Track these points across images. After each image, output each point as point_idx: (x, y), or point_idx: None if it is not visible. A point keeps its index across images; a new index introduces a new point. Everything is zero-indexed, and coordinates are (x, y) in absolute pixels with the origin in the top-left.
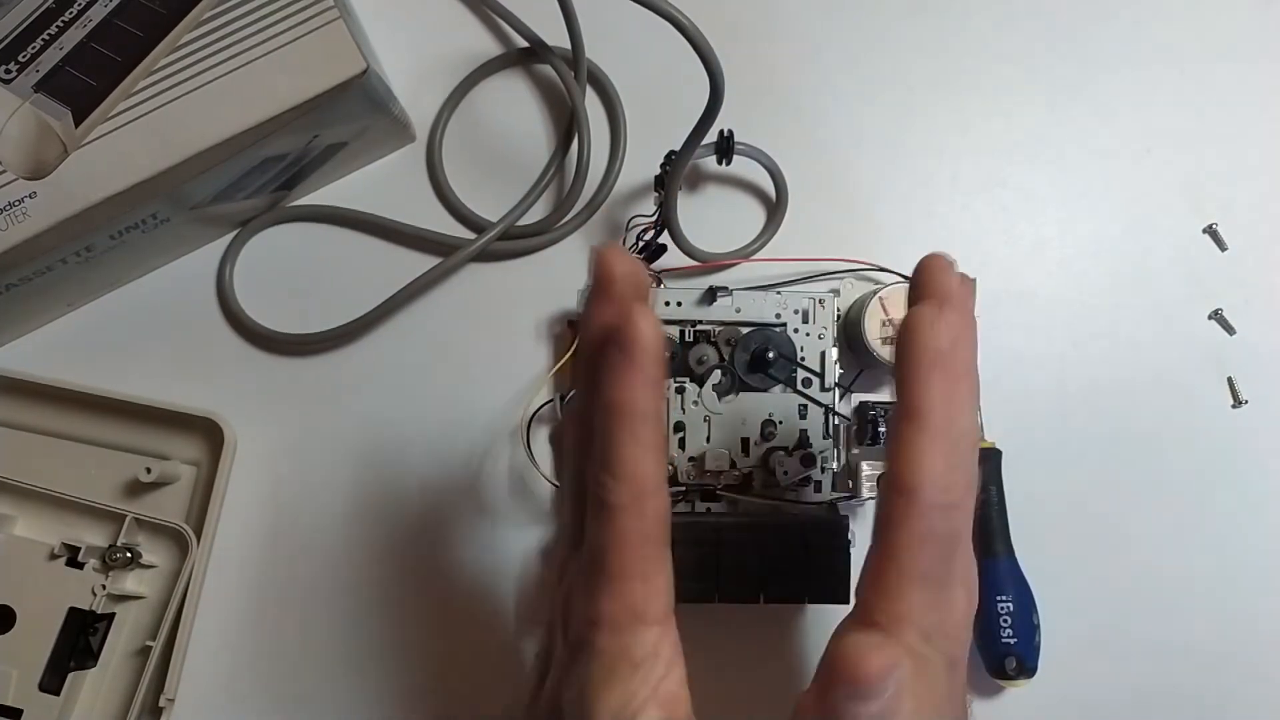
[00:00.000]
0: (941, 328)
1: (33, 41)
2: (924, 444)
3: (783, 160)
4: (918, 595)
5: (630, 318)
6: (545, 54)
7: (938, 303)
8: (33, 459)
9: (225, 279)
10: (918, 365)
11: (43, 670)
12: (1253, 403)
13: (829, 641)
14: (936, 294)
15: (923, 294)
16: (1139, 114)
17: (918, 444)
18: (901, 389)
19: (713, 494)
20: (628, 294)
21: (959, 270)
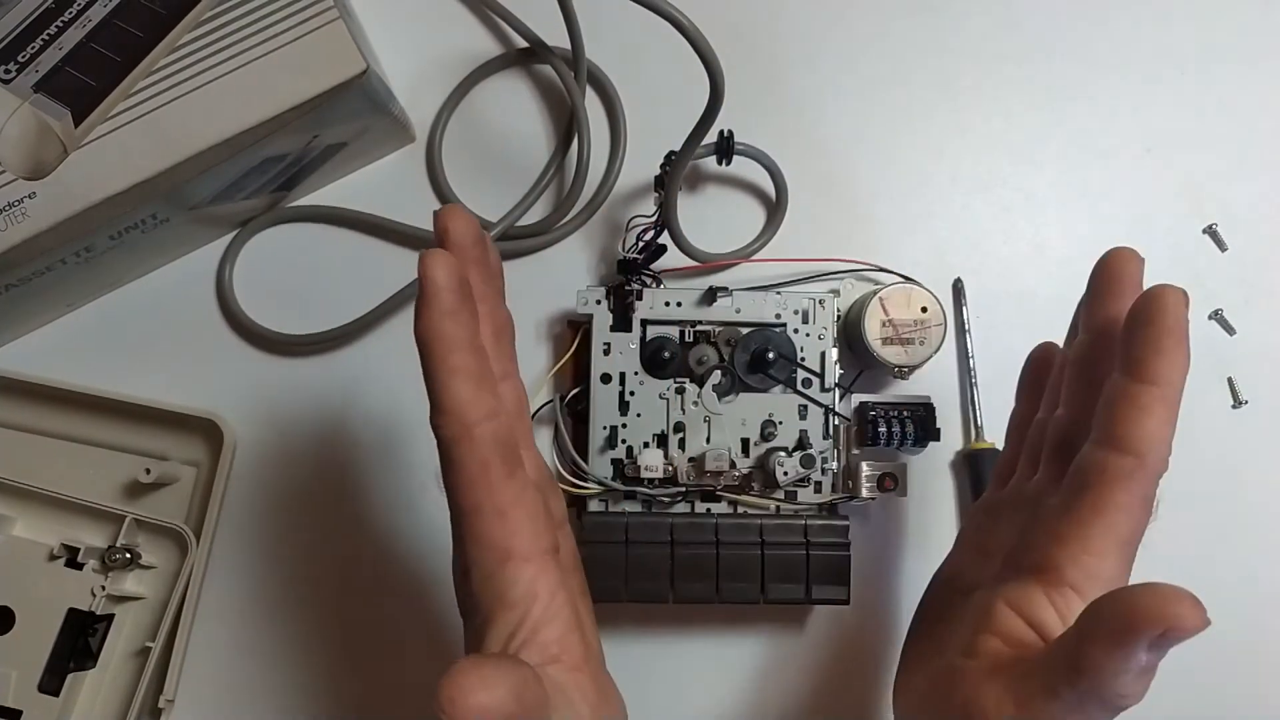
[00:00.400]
0: (1185, 309)
1: (32, 41)
2: (1161, 412)
3: (783, 160)
4: (1114, 559)
5: (422, 259)
6: (545, 54)
7: (1176, 288)
8: (33, 459)
9: (225, 279)
10: (1165, 335)
11: (42, 671)
12: (1253, 403)
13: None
14: (1132, 287)
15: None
16: (1139, 114)
17: (1157, 411)
18: (1141, 355)
19: (713, 494)
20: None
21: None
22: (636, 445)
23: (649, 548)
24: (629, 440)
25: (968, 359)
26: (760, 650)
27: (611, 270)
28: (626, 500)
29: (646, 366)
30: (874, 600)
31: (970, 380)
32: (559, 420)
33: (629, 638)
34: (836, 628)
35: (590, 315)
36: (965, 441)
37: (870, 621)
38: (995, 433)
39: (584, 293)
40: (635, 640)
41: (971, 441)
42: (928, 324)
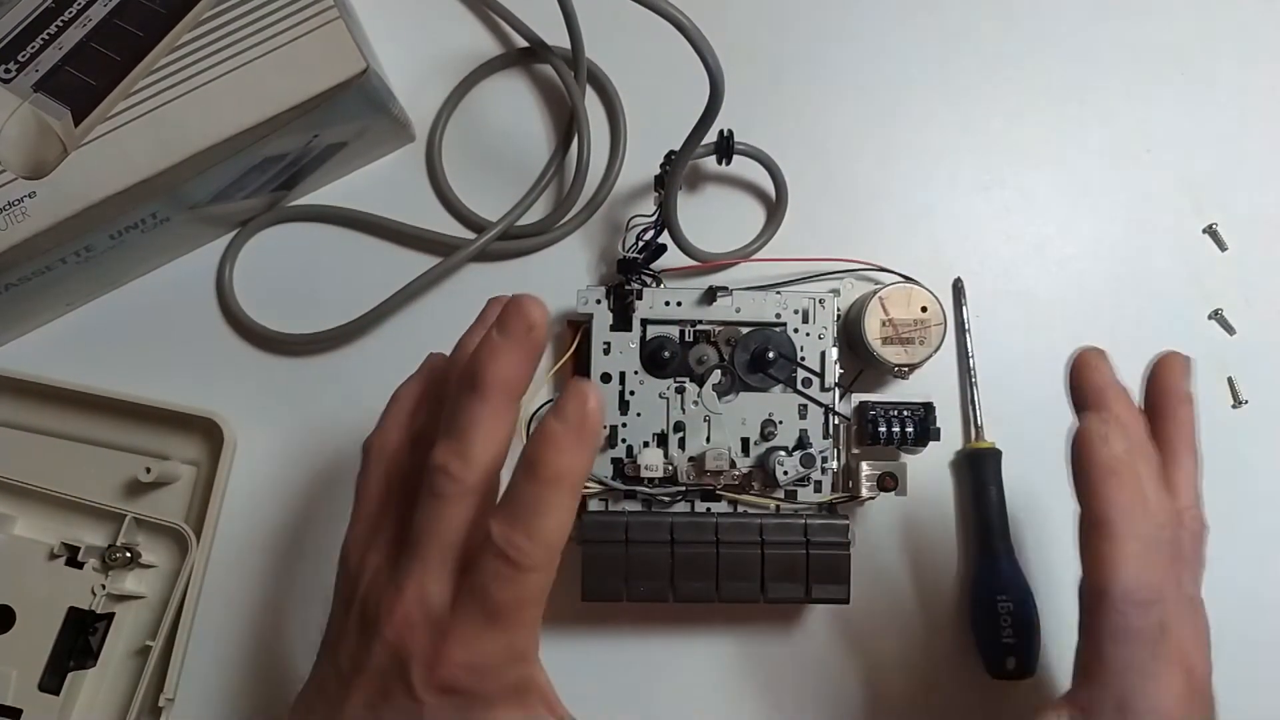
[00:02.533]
0: (1112, 438)
1: (32, 41)
2: (1109, 551)
3: (783, 160)
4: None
5: (580, 386)
6: (545, 54)
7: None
8: (33, 459)
9: (225, 279)
10: (1091, 478)
11: (42, 670)
12: (1253, 403)
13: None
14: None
15: (1082, 400)
16: (1139, 114)
17: (1104, 551)
18: (1081, 499)
19: (713, 494)
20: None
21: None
22: (636, 444)
23: (649, 547)
24: (629, 439)
25: (968, 359)
26: (760, 650)
27: (611, 270)
28: (626, 499)
29: (646, 366)
30: (874, 600)
31: (970, 380)
32: None
33: (629, 637)
34: (836, 628)
35: (590, 315)
36: (965, 441)
37: (870, 621)
38: (995, 432)
39: (584, 292)
40: (635, 640)
41: (971, 441)
42: (928, 324)
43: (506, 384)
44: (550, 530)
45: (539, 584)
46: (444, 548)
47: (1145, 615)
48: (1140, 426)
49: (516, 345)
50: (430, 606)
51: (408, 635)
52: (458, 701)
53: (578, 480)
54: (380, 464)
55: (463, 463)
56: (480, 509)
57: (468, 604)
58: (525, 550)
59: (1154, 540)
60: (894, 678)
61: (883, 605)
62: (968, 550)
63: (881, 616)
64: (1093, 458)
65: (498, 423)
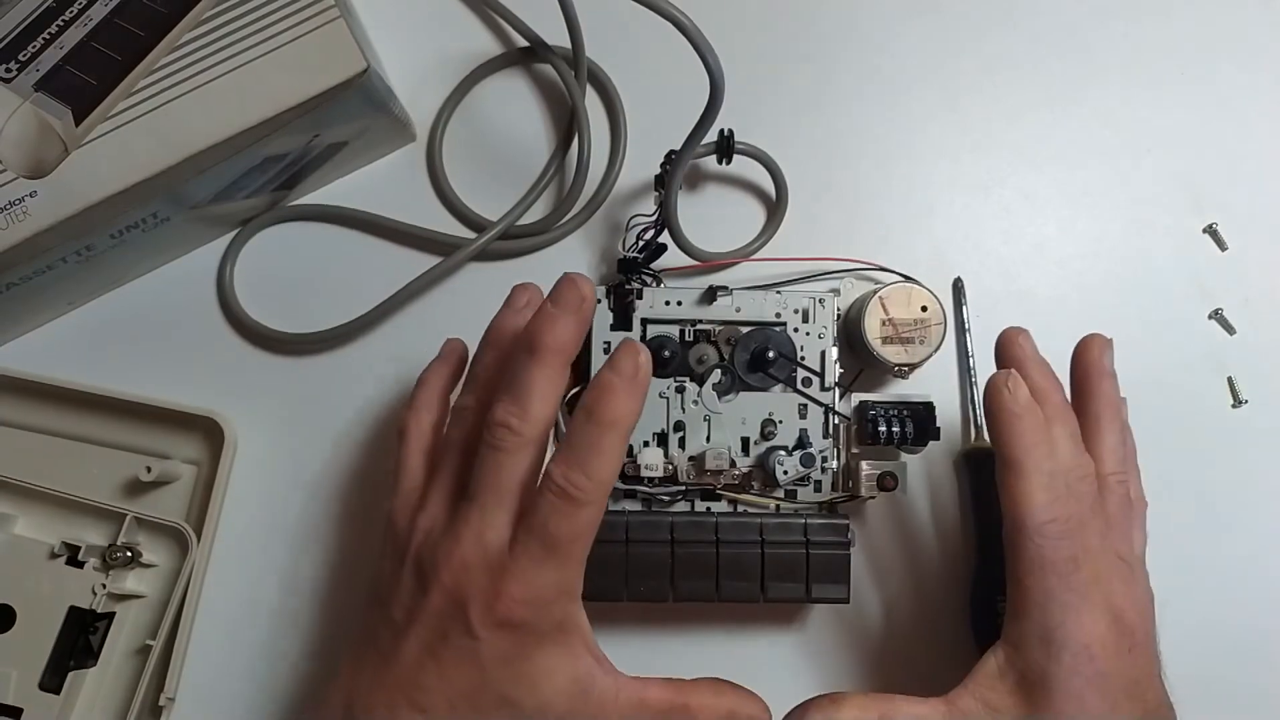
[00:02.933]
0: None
1: (33, 40)
2: (1018, 485)
3: (783, 160)
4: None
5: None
6: (545, 54)
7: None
8: (33, 459)
9: (225, 279)
10: (998, 421)
11: (43, 669)
12: (1253, 403)
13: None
14: (1010, 361)
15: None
16: (1139, 114)
17: (1013, 486)
18: (994, 445)
19: (713, 493)
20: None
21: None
22: (636, 444)
23: (649, 547)
24: (629, 439)
25: (968, 358)
26: (760, 650)
27: (612, 269)
28: (626, 499)
29: None
30: (874, 600)
31: (970, 380)
32: (559, 419)
33: (629, 637)
34: (836, 627)
35: None
36: (965, 441)
37: (870, 621)
38: None
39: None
40: (635, 639)
41: (971, 441)
42: (928, 323)
43: (561, 348)
44: (605, 468)
45: (592, 519)
46: (502, 495)
47: (1056, 548)
48: (1055, 390)
49: (570, 314)
50: (488, 548)
51: (465, 578)
52: (513, 637)
53: (629, 425)
54: (419, 439)
55: (521, 418)
56: (536, 459)
57: (526, 540)
58: (583, 486)
59: (1063, 482)
60: (894, 677)
61: (883, 605)
62: (968, 550)
63: (881, 616)
64: (999, 403)
65: (552, 383)
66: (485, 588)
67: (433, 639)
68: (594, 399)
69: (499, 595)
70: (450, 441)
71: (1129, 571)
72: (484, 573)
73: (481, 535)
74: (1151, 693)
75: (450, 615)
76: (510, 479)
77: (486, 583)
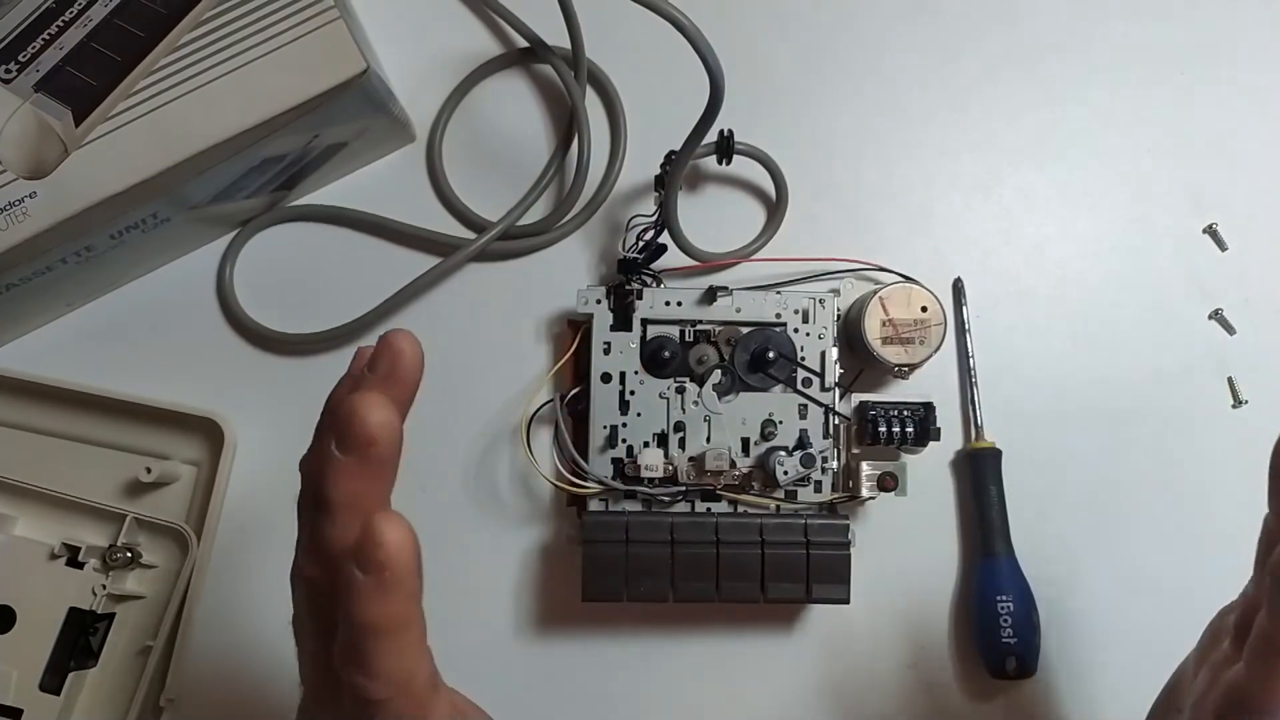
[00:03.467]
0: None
1: (33, 41)
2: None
3: (783, 160)
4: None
5: (387, 525)
6: (545, 54)
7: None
8: (33, 459)
9: (225, 279)
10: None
11: (43, 670)
12: (1253, 403)
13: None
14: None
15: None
16: (1139, 114)
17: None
18: (1269, 614)
19: (713, 494)
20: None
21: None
22: (636, 444)
23: (649, 547)
24: (629, 439)
25: (968, 359)
26: (760, 650)
27: (612, 270)
28: (626, 499)
29: (647, 366)
30: (874, 600)
31: (970, 380)
32: (559, 420)
33: (629, 637)
34: (836, 628)
35: (590, 315)
36: (965, 441)
37: (870, 621)
38: (995, 432)
39: (584, 292)
40: (635, 640)
41: (971, 441)
42: (928, 324)
43: (351, 504)
44: (389, 668)
45: (406, 707)
46: (322, 661)
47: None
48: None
49: (357, 464)
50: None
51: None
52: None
53: (398, 623)
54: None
55: (323, 574)
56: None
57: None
58: (371, 689)
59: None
60: (894, 678)
61: (883, 605)
62: (968, 550)
63: (881, 616)
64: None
65: (353, 538)
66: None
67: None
68: (345, 599)
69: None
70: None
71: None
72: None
73: (317, 682)
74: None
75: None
76: (320, 635)
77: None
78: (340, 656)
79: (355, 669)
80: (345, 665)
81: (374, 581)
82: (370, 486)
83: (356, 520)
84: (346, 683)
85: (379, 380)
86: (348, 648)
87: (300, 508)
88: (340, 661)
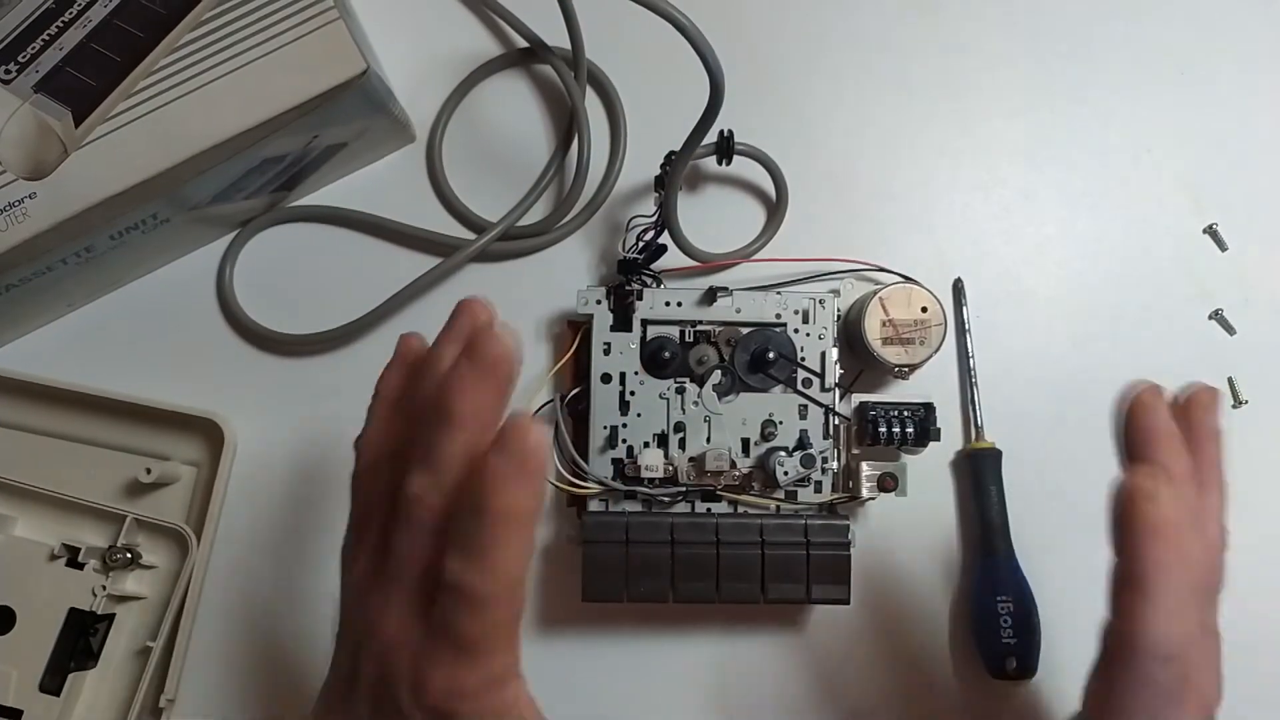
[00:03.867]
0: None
1: (33, 42)
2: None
3: (783, 160)
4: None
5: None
6: (545, 54)
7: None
8: (33, 459)
9: (225, 279)
10: (1136, 537)
11: (43, 671)
12: (1253, 403)
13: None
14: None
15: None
16: (1139, 114)
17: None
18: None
19: (713, 494)
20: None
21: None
22: (637, 445)
23: (649, 547)
24: (629, 440)
25: (968, 359)
26: (760, 650)
27: (612, 270)
28: (626, 500)
29: (647, 366)
30: (874, 600)
31: (970, 380)
32: (559, 420)
33: (629, 638)
34: (836, 628)
35: (590, 315)
36: (965, 441)
37: (870, 621)
38: (995, 432)
39: (584, 293)
40: (635, 640)
41: (971, 441)
42: (928, 324)
43: (477, 417)
44: (504, 565)
45: (503, 616)
46: (416, 578)
47: (1168, 669)
48: (1187, 478)
49: (486, 379)
50: (408, 632)
51: (392, 656)
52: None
53: (527, 515)
54: (366, 469)
55: (438, 493)
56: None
57: (439, 634)
58: (481, 586)
59: (1188, 594)
60: (894, 678)
61: (883, 605)
62: (968, 550)
63: (881, 616)
64: (1139, 517)
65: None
66: (409, 673)
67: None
68: (480, 488)
69: (421, 685)
70: (372, 499)
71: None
72: (407, 655)
73: (401, 617)
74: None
75: (381, 691)
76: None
77: (409, 667)
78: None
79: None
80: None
81: (516, 468)
82: (495, 402)
83: (481, 431)
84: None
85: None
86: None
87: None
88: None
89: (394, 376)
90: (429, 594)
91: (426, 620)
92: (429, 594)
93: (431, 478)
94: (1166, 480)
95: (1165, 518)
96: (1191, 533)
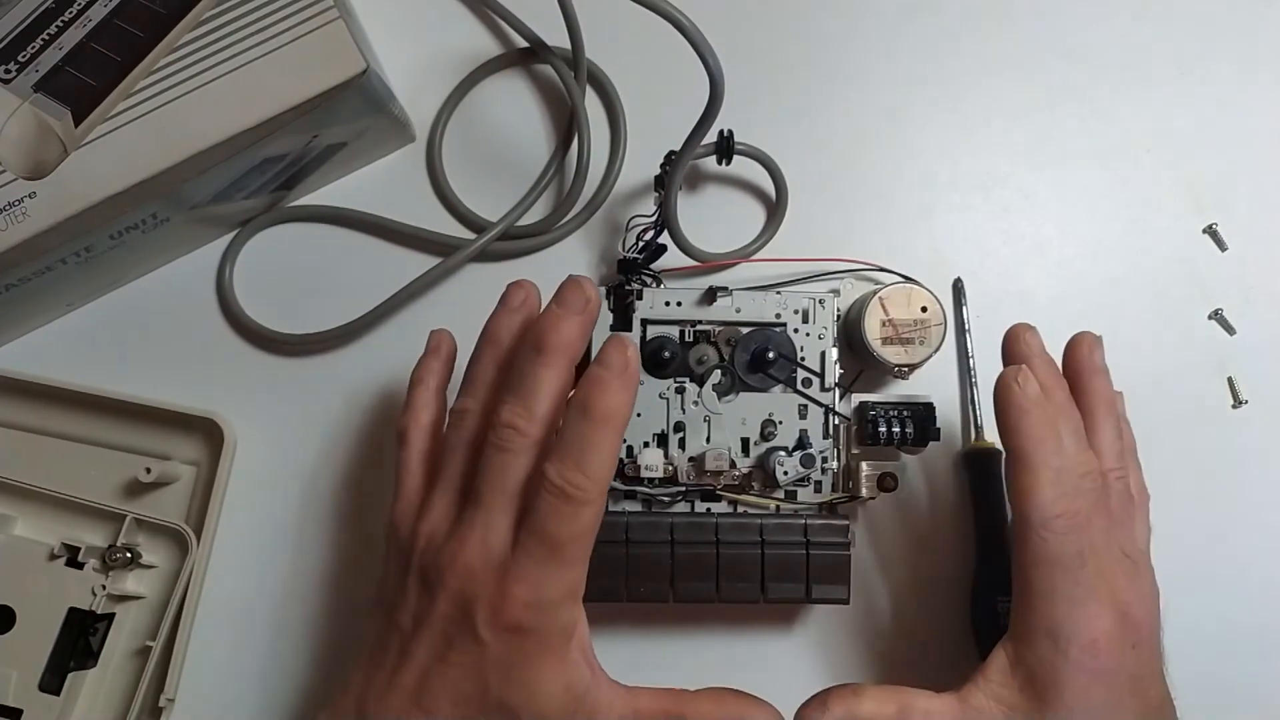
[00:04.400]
0: (1026, 383)
1: (32, 41)
2: (1026, 479)
3: (783, 160)
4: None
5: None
6: (545, 54)
7: (1021, 366)
8: (33, 459)
9: (225, 279)
10: (1008, 417)
11: (43, 670)
12: (1253, 403)
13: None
14: (1018, 357)
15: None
16: (1139, 114)
17: (1022, 480)
18: (1003, 439)
19: (713, 494)
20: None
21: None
22: (636, 445)
23: (649, 547)
24: (629, 440)
25: (968, 359)
26: (760, 650)
27: (612, 270)
28: (626, 500)
29: (647, 366)
30: (874, 600)
31: (970, 380)
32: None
33: (629, 638)
34: (836, 628)
35: None
36: (965, 441)
37: (870, 621)
38: (995, 432)
39: None
40: (635, 640)
41: (971, 441)
42: (928, 324)
43: (568, 348)
44: (602, 465)
45: (592, 517)
46: (507, 496)
47: (1063, 542)
48: (1060, 387)
49: (576, 315)
50: (493, 552)
51: (470, 582)
52: (516, 641)
53: (623, 419)
54: (419, 442)
55: (528, 419)
56: (539, 459)
57: (528, 542)
58: (581, 485)
59: (1071, 477)
60: (894, 678)
61: (883, 605)
62: (968, 550)
63: (881, 616)
64: (1009, 399)
65: (559, 383)
66: (491, 591)
67: (440, 645)
68: (586, 395)
69: (504, 598)
70: (450, 444)
71: (1133, 568)
72: (489, 576)
73: (486, 539)
74: (1154, 689)
75: (457, 620)
76: (514, 481)
77: (492, 586)
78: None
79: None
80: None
81: (618, 374)
82: (581, 336)
83: (568, 364)
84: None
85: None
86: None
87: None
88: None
89: (434, 364)
90: (517, 511)
91: (515, 536)
92: (517, 511)
93: (523, 404)
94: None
95: (1031, 398)
96: (1072, 435)
